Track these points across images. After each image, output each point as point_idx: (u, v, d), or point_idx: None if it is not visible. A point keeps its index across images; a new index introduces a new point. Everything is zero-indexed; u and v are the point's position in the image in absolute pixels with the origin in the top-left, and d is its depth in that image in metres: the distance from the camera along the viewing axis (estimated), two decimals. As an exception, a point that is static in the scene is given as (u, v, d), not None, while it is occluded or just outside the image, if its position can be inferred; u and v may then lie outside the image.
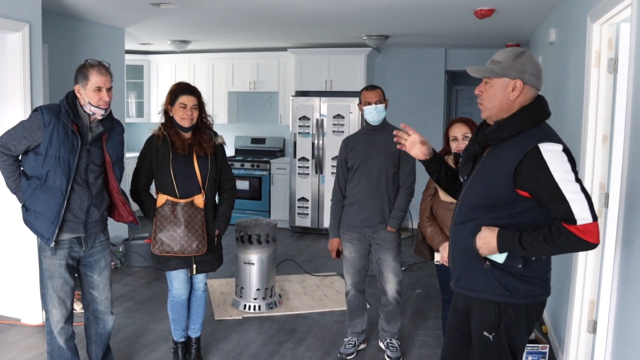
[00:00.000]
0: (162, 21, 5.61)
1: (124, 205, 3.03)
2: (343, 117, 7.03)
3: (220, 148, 3.34)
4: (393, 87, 7.43)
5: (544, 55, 5.13)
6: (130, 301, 4.63)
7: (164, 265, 3.25)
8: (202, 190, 3.19)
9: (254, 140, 8.21)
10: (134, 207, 3.18)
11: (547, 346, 3.51)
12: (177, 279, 3.31)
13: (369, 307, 4.32)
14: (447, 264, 2.97)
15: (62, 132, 2.74)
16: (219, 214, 3.33)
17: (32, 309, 4.05)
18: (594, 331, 3.05)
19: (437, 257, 3.14)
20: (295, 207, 7.37)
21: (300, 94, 7.45)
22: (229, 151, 7.83)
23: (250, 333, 4.07)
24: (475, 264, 2.07)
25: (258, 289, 4.48)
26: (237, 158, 7.85)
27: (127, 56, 6.86)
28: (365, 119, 3.54)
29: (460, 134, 3.05)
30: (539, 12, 4.83)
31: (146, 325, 4.14)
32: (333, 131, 7.09)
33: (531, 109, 2.00)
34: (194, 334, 3.51)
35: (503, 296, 2.04)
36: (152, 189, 3.29)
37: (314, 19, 5.35)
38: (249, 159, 7.78)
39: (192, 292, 3.43)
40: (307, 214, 7.33)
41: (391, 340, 3.70)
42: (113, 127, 2.94)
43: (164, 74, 8.18)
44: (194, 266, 3.25)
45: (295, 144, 7.28)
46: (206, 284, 3.47)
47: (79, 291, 3.13)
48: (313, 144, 7.19)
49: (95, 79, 2.76)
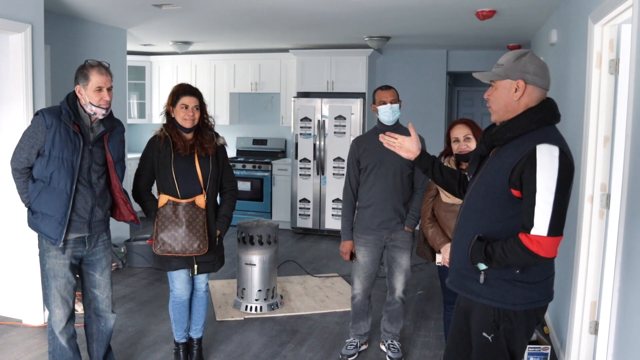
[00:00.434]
0: (164, 22, 5.62)
1: (125, 204, 3.04)
2: (345, 118, 7.04)
3: (221, 149, 3.35)
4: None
5: (545, 57, 5.13)
6: (131, 302, 4.63)
7: (166, 265, 3.26)
8: (203, 190, 3.20)
9: (256, 142, 8.22)
10: (135, 207, 3.19)
11: (549, 347, 3.51)
12: (178, 279, 3.32)
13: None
14: (449, 265, 2.99)
15: (64, 133, 2.75)
16: (220, 214, 3.34)
17: (34, 310, 4.05)
18: (595, 332, 3.05)
19: (439, 259, 3.14)
20: (296, 208, 7.37)
21: (302, 95, 7.46)
22: (230, 152, 7.84)
23: (251, 334, 4.07)
24: (468, 269, 2.08)
25: (259, 290, 4.48)
26: (238, 159, 7.86)
27: (129, 57, 6.87)
28: (379, 119, 3.50)
29: (462, 135, 3.05)
30: (540, 13, 4.83)
31: (148, 326, 4.15)
32: (334, 132, 7.09)
33: (536, 110, 2.00)
34: (195, 334, 3.52)
35: (500, 303, 2.03)
36: (154, 189, 3.30)
37: (315, 20, 5.35)
38: (250, 160, 7.79)
39: (194, 292, 3.44)
40: (308, 215, 7.33)
41: (392, 341, 3.70)
42: (114, 126, 2.95)
43: (165, 75, 8.19)
44: (196, 266, 3.26)
45: (296, 145, 7.28)
46: (208, 284, 3.48)
47: (79, 292, 3.14)
48: (314, 145, 7.19)
49: (95, 79, 2.77)
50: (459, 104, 9.28)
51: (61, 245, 2.82)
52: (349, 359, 3.65)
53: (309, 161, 7.25)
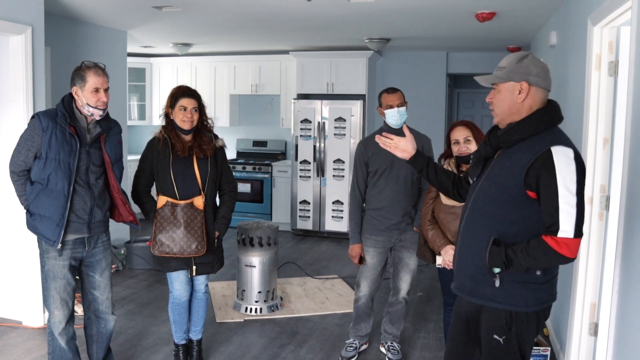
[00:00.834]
0: (164, 24, 5.62)
1: (124, 205, 3.04)
2: (345, 120, 7.04)
3: (220, 150, 3.35)
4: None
5: (544, 59, 5.11)
6: (131, 304, 4.63)
7: (164, 266, 3.27)
8: (201, 192, 3.21)
9: (256, 143, 8.22)
10: (135, 209, 3.19)
11: (549, 349, 3.51)
12: (177, 281, 3.32)
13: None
14: (449, 267, 2.99)
15: (60, 135, 2.76)
16: (219, 215, 3.34)
17: (34, 312, 4.06)
18: (595, 334, 3.05)
19: (439, 261, 3.14)
20: (296, 209, 7.38)
21: (302, 96, 7.46)
22: (230, 154, 7.86)
23: (251, 336, 4.07)
24: (485, 273, 2.06)
25: (259, 292, 4.48)
26: (238, 161, 7.86)
27: (129, 59, 6.87)
28: (385, 121, 3.49)
29: (462, 137, 3.04)
30: (539, 15, 4.83)
31: (147, 327, 4.15)
32: (335, 134, 7.10)
33: (544, 112, 2.01)
34: (195, 336, 3.52)
35: (512, 305, 2.04)
36: (154, 191, 3.31)
37: (315, 22, 5.36)
38: (250, 161, 7.79)
39: (193, 294, 3.44)
40: (308, 216, 7.33)
41: (392, 343, 3.70)
42: (110, 127, 2.96)
43: (165, 76, 8.19)
44: (194, 267, 3.27)
45: (296, 146, 7.28)
46: (207, 286, 3.48)
47: (79, 293, 3.14)
48: (314, 146, 7.20)
49: (92, 80, 2.78)
50: (458, 106, 9.29)
51: (59, 246, 2.82)
52: (349, 360, 3.66)
53: (309, 163, 7.26)
